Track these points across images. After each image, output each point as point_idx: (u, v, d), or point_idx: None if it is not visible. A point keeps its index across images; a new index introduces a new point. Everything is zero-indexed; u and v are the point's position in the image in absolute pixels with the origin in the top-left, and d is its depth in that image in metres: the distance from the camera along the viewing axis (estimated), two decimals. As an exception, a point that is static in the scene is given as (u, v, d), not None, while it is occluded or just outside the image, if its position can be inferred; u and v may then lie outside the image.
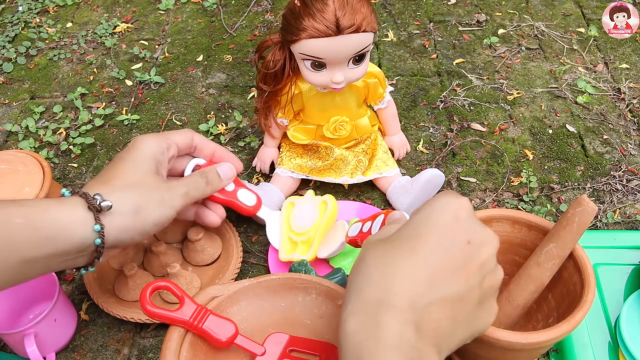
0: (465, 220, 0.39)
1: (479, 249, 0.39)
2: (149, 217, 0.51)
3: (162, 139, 0.56)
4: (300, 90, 0.75)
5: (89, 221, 0.47)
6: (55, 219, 0.46)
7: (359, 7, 0.65)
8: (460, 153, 0.88)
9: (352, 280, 0.39)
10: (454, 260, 0.38)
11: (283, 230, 0.66)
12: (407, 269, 0.37)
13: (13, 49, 1.13)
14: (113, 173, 0.52)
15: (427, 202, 0.41)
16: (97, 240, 0.48)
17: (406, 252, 0.38)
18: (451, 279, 0.37)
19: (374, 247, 0.40)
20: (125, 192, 0.50)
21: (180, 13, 1.21)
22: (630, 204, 0.80)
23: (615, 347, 0.61)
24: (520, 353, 0.54)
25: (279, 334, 0.55)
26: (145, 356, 0.66)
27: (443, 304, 0.37)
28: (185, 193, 0.54)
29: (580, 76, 1.00)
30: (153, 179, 0.53)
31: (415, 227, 0.39)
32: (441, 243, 0.38)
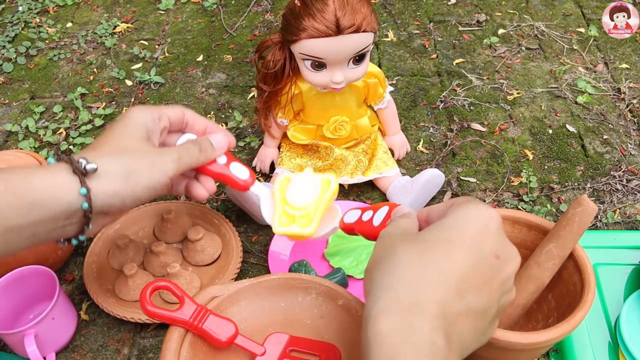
0: (495, 233, 0.39)
1: (505, 265, 0.39)
2: (140, 181, 0.48)
3: (153, 109, 0.54)
4: (300, 90, 0.75)
5: (74, 185, 0.45)
6: (37, 184, 0.44)
7: (359, 7, 0.65)
8: (460, 153, 0.88)
9: (383, 275, 0.38)
10: (483, 272, 0.37)
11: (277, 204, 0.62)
12: (440, 274, 0.36)
13: (13, 49, 1.13)
14: (102, 140, 0.50)
15: (458, 207, 0.40)
16: (84, 205, 0.45)
17: (439, 257, 0.37)
18: (478, 292, 0.37)
19: (405, 244, 0.39)
20: (113, 156, 0.48)
21: (180, 13, 1.21)
22: (630, 204, 0.80)
23: (615, 347, 0.61)
24: (520, 353, 0.54)
25: (279, 334, 0.55)
26: (145, 356, 0.66)
27: (468, 316, 0.36)
28: (178, 159, 0.52)
29: (580, 76, 1.00)
30: (144, 144, 0.51)
31: (447, 232, 0.38)
32: (472, 253, 0.37)
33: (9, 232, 0.43)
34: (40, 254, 0.68)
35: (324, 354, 0.54)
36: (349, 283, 0.70)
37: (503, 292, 0.39)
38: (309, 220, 0.62)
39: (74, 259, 0.77)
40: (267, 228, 0.79)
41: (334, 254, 0.74)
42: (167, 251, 0.72)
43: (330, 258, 0.74)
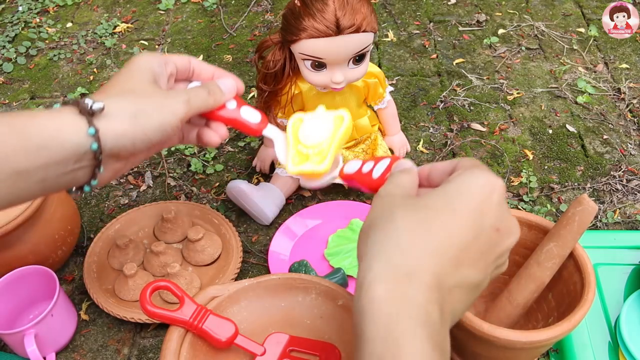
0: (497, 204, 0.38)
1: (504, 238, 0.38)
2: (149, 122, 0.46)
3: (159, 55, 0.53)
4: (300, 90, 0.75)
5: (82, 125, 0.43)
6: (44, 125, 0.42)
7: (359, 7, 0.65)
8: (460, 153, 0.88)
9: (379, 240, 0.37)
10: (481, 245, 0.37)
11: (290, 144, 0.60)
12: (438, 244, 0.35)
13: (13, 49, 1.13)
14: (107, 85, 0.48)
15: (463, 173, 0.39)
16: (94, 145, 0.43)
17: (439, 227, 0.36)
18: (475, 264, 0.36)
19: (404, 210, 0.37)
20: (120, 97, 0.46)
21: (180, 13, 1.21)
22: (630, 204, 0.80)
23: (615, 347, 0.61)
24: (520, 352, 0.53)
25: (279, 334, 0.55)
26: (145, 356, 0.66)
27: (462, 289, 0.36)
28: (187, 100, 0.50)
29: (580, 76, 1.00)
30: (151, 86, 0.49)
31: (449, 200, 0.37)
32: (473, 225, 0.36)
33: (17, 176, 0.41)
34: (40, 254, 0.68)
35: (324, 354, 0.54)
36: (349, 283, 0.70)
37: (497, 265, 0.38)
38: (322, 157, 0.60)
39: (73, 259, 0.77)
40: (267, 228, 0.79)
41: (334, 254, 0.74)
42: (167, 251, 0.72)
43: (330, 258, 0.74)
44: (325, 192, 0.83)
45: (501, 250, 0.38)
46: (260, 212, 0.77)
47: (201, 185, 0.85)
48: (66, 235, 0.71)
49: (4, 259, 0.66)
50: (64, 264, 0.75)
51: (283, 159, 0.61)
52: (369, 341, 0.33)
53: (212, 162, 0.89)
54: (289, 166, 0.59)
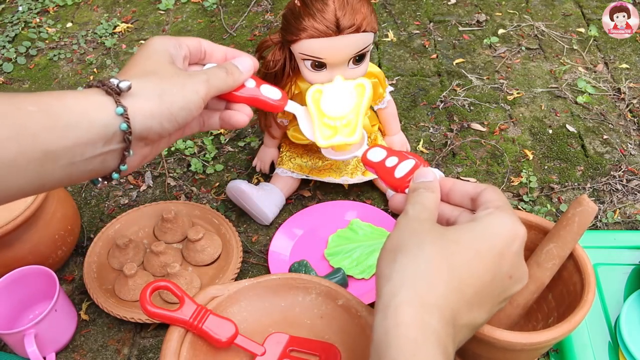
0: (516, 254, 0.40)
1: (514, 285, 0.40)
2: (175, 101, 0.46)
3: (172, 37, 0.52)
4: (300, 90, 0.75)
5: (109, 105, 0.42)
6: (72, 105, 0.41)
7: (359, 7, 0.65)
8: (460, 153, 0.88)
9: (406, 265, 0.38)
10: (494, 290, 0.39)
11: (315, 118, 0.58)
12: (460, 283, 0.37)
13: (13, 49, 1.13)
14: (126, 68, 0.47)
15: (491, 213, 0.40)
16: (123, 125, 0.42)
17: (464, 265, 0.38)
18: (484, 307, 0.38)
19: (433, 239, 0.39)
20: (143, 78, 0.45)
21: (180, 13, 1.21)
22: (630, 204, 0.80)
23: (615, 347, 0.61)
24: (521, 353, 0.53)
25: (279, 334, 0.55)
26: (145, 356, 0.66)
27: (469, 327, 0.38)
28: (207, 80, 0.49)
29: (580, 76, 1.00)
30: (170, 67, 0.48)
31: (476, 240, 0.39)
32: (492, 270, 0.38)
33: (45, 157, 0.40)
34: (40, 254, 0.68)
35: (324, 354, 0.54)
36: (349, 283, 0.70)
37: (500, 307, 0.41)
38: (352, 129, 0.60)
39: (74, 259, 0.77)
40: (267, 228, 0.79)
41: (334, 254, 0.74)
42: (167, 251, 0.72)
43: (330, 258, 0.74)
44: (325, 192, 0.83)
45: (508, 295, 0.40)
46: (260, 212, 0.77)
47: (201, 185, 0.85)
48: (66, 235, 0.71)
49: (4, 259, 0.66)
50: (64, 264, 0.75)
51: (309, 133, 0.60)
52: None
53: (212, 162, 0.89)
54: (319, 141, 0.59)
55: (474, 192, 0.43)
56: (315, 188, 0.84)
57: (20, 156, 0.38)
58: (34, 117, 0.39)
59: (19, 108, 0.39)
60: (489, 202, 0.41)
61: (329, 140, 0.58)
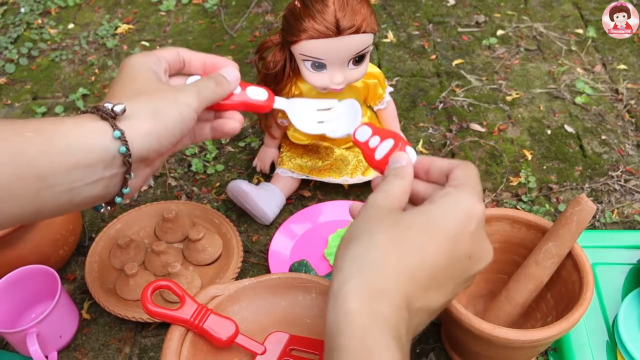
0: (474, 233, 0.39)
1: (475, 264, 0.40)
2: (169, 117, 0.46)
3: (148, 53, 0.51)
4: (301, 91, 0.76)
5: (106, 129, 0.42)
6: (69, 130, 0.41)
7: (358, 8, 0.65)
8: (460, 153, 0.88)
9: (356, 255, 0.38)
10: (452, 271, 0.38)
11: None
12: (412, 267, 0.37)
13: (15, 50, 1.13)
14: (113, 92, 0.47)
15: (447, 194, 0.40)
16: (122, 148, 0.42)
17: (415, 250, 0.37)
18: (442, 289, 0.38)
19: (385, 225, 0.39)
20: (134, 99, 0.45)
21: (181, 14, 1.21)
22: (628, 204, 0.80)
23: (613, 346, 0.61)
24: (519, 351, 0.54)
25: (279, 333, 0.55)
26: (146, 355, 0.67)
27: (426, 311, 0.38)
28: (197, 92, 0.49)
29: (578, 77, 1.00)
30: (158, 84, 0.48)
31: (429, 223, 0.39)
32: (446, 251, 0.38)
33: (41, 181, 0.39)
34: (42, 253, 0.69)
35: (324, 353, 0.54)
36: None
37: (464, 288, 0.40)
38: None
39: (75, 259, 0.77)
40: (267, 228, 0.80)
41: (334, 253, 0.74)
42: (168, 251, 0.72)
43: (330, 258, 0.74)
44: (325, 192, 0.83)
45: (470, 275, 0.40)
46: (260, 212, 0.77)
47: (202, 185, 0.86)
48: (68, 235, 0.72)
49: (6, 259, 0.66)
50: (65, 263, 0.76)
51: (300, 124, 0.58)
52: (342, 351, 0.34)
53: (213, 162, 0.89)
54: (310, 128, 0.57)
55: (448, 169, 0.43)
56: (315, 188, 0.84)
57: (14, 181, 0.38)
58: (31, 141, 0.39)
59: (17, 133, 0.39)
60: (453, 180, 0.41)
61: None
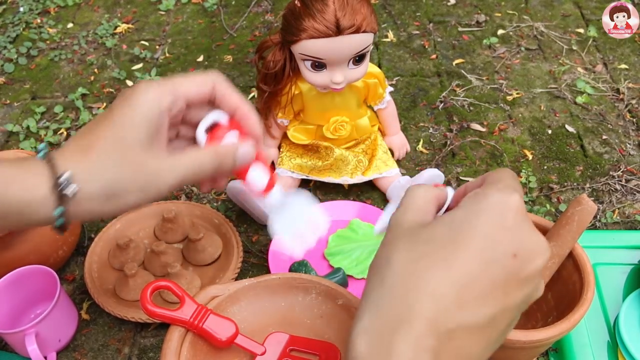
0: (514, 227, 0.33)
1: (526, 262, 0.33)
2: (121, 203, 0.43)
3: (166, 94, 0.45)
4: (300, 91, 0.76)
5: (51, 203, 0.41)
6: (15, 196, 0.41)
7: (359, 8, 0.65)
8: (460, 153, 0.88)
9: (374, 285, 0.33)
10: (493, 277, 0.32)
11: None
12: (435, 285, 0.31)
13: (14, 50, 1.13)
14: (95, 137, 0.43)
15: (472, 197, 0.34)
16: (59, 221, 0.42)
17: (437, 263, 0.32)
18: (485, 300, 0.32)
19: (402, 246, 0.34)
20: (100, 171, 0.42)
21: (181, 13, 1.21)
22: (629, 204, 0.80)
23: (614, 347, 0.61)
24: (520, 351, 0.54)
25: (279, 334, 0.55)
26: (145, 355, 0.67)
27: (472, 331, 0.31)
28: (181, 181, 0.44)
29: (579, 76, 1.00)
30: (141, 154, 0.43)
31: (454, 231, 0.33)
32: (480, 255, 0.32)
33: None
34: (41, 254, 0.68)
35: (324, 354, 0.54)
36: (349, 283, 0.70)
37: (527, 294, 0.33)
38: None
39: (74, 259, 0.77)
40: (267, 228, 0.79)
41: (334, 254, 0.74)
42: (167, 251, 0.72)
43: (330, 258, 0.74)
44: (325, 192, 0.83)
45: (525, 276, 0.33)
46: (260, 212, 0.77)
47: (201, 185, 0.86)
48: (67, 235, 0.71)
49: (5, 259, 0.66)
50: (64, 263, 0.76)
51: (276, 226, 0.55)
52: None
53: (213, 163, 0.89)
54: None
55: (480, 181, 0.37)
56: (315, 188, 0.84)
57: None
58: None
59: None
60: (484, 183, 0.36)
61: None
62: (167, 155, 0.45)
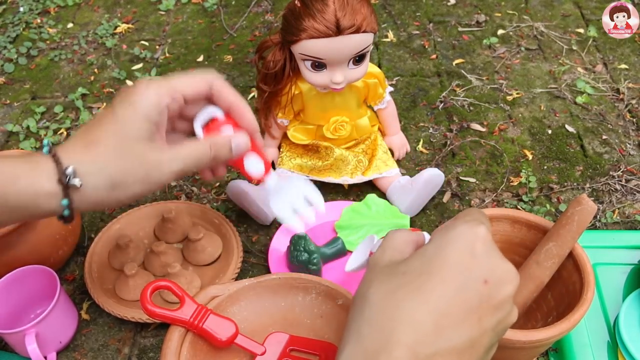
0: (483, 255, 0.35)
1: (497, 288, 0.35)
2: (126, 192, 0.46)
3: (165, 91, 0.47)
4: (301, 91, 0.76)
5: (58, 195, 0.44)
6: (23, 190, 0.44)
7: (359, 8, 0.65)
8: (460, 153, 0.88)
9: (353, 318, 0.35)
10: (467, 302, 0.34)
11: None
12: (412, 312, 0.33)
13: (14, 50, 1.13)
14: (97, 133, 0.45)
15: (441, 230, 0.37)
16: (65, 212, 0.45)
17: (413, 292, 0.34)
18: (461, 324, 0.33)
19: (379, 281, 0.36)
20: (103, 163, 0.45)
21: (181, 13, 1.21)
22: (629, 204, 0.80)
23: (614, 347, 0.61)
24: (520, 351, 0.54)
25: (279, 334, 0.55)
26: (145, 355, 0.67)
27: (450, 354, 0.33)
28: (180, 170, 0.47)
29: (579, 76, 1.00)
30: (141, 148, 0.45)
31: (427, 262, 0.35)
32: (453, 282, 0.34)
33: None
34: (41, 254, 0.68)
35: (324, 354, 0.54)
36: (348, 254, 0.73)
37: (500, 319, 0.35)
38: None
39: (74, 259, 0.77)
40: (267, 228, 0.79)
41: (344, 227, 0.76)
42: (167, 251, 0.72)
43: (339, 230, 0.76)
44: (325, 192, 0.83)
45: (497, 301, 0.35)
46: (260, 212, 0.77)
47: (201, 185, 0.86)
48: (67, 235, 0.71)
49: (5, 259, 0.66)
50: (64, 263, 0.76)
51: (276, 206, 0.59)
52: None
53: (213, 162, 0.89)
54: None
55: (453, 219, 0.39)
56: (315, 188, 0.84)
57: None
58: None
59: None
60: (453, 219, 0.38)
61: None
62: (167, 148, 0.47)
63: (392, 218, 0.75)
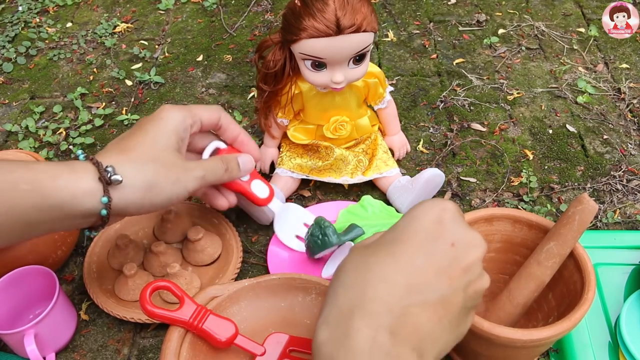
0: (450, 222, 0.39)
1: (465, 251, 0.38)
2: (160, 194, 0.50)
3: (188, 114, 0.55)
4: (301, 90, 0.75)
5: (97, 192, 0.47)
6: (63, 187, 0.46)
7: (359, 7, 0.65)
8: (460, 153, 0.88)
9: (330, 286, 0.39)
10: (437, 262, 0.37)
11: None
12: (384, 272, 0.36)
13: (13, 49, 1.13)
14: (132, 142, 0.51)
15: (411, 208, 0.40)
16: (103, 212, 0.48)
17: (385, 256, 0.37)
18: (434, 282, 0.37)
19: (354, 253, 0.40)
20: (140, 165, 0.49)
21: (180, 13, 1.21)
22: (631, 204, 0.80)
23: (615, 347, 0.61)
24: (521, 350, 0.54)
25: (278, 334, 0.55)
26: (145, 356, 0.66)
27: (424, 307, 0.36)
28: (202, 177, 0.54)
29: (580, 76, 1.00)
30: (172, 156, 0.51)
31: (397, 232, 0.39)
32: (422, 246, 0.37)
33: (28, 226, 0.46)
34: (40, 254, 0.68)
35: (324, 354, 0.54)
36: None
37: (470, 280, 0.38)
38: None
39: (73, 259, 0.77)
40: (267, 228, 0.79)
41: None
42: (167, 251, 0.72)
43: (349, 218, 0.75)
44: (325, 192, 0.83)
45: (466, 264, 0.38)
46: (260, 212, 0.77)
47: (201, 185, 0.85)
48: (66, 235, 0.71)
49: (4, 259, 0.66)
50: (63, 264, 0.75)
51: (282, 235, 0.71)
52: None
53: (212, 162, 0.89)
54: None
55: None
56: (315, 188, 0.84)
57: (5, 225, 0.45)
58: (27, 195, 0.44)
59: (15, 188, 0.44)
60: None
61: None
62: (189, 160, 0.55)
63: (388, 218, 0.75)
